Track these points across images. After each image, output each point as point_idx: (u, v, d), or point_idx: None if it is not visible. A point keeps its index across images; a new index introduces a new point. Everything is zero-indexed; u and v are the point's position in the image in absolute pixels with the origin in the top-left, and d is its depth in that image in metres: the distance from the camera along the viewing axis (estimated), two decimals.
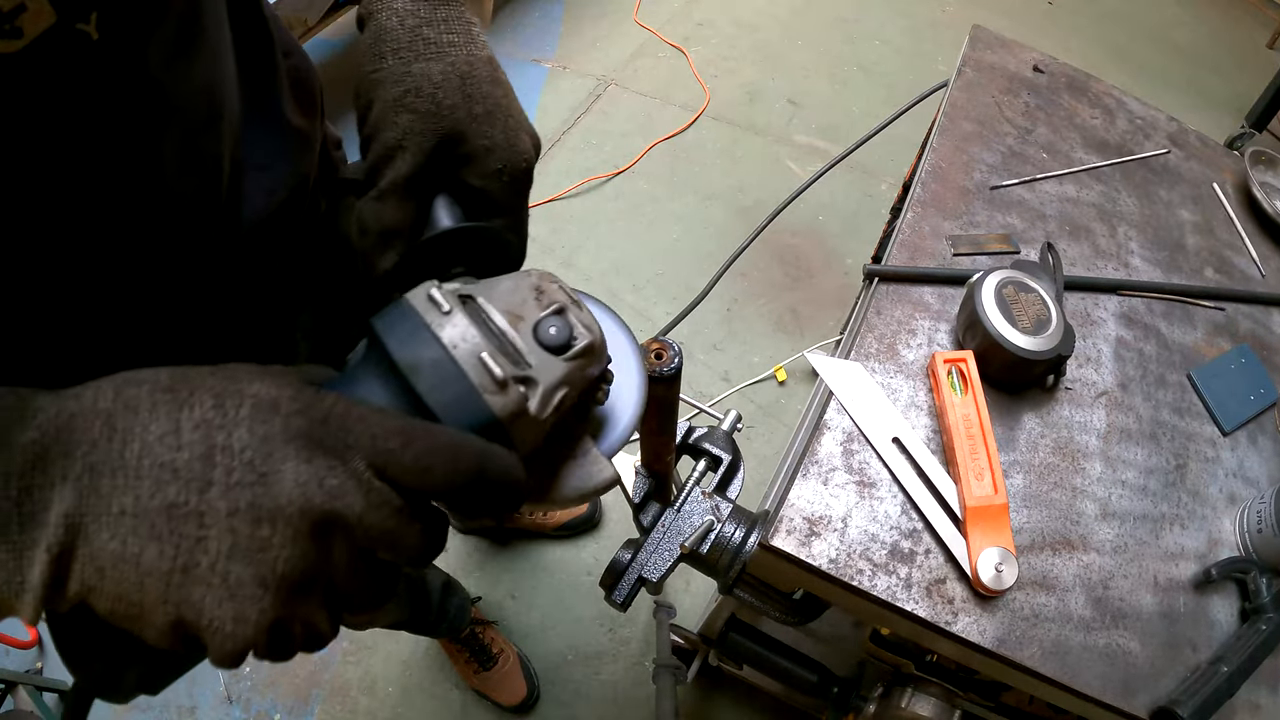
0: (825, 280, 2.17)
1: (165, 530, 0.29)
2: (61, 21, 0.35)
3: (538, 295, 0.37)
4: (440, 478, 0.32)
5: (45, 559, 0.28)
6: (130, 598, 0.29)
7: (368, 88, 0.44)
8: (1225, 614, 0.74)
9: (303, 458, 0.30)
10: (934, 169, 1.03)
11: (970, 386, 0.78)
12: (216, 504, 0.29)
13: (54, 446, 0.29)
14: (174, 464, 0.29)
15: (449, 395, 0.33)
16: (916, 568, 0.71)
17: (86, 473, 0.29)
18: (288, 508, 0.30)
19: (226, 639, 0.30)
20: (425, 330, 0.34)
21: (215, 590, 0.29)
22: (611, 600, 0.67)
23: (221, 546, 0.29)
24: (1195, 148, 1.20)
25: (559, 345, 0.36)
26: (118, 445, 0.29)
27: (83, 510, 0.29)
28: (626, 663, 1.57)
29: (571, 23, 2.83)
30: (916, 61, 2.87)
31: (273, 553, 0.29)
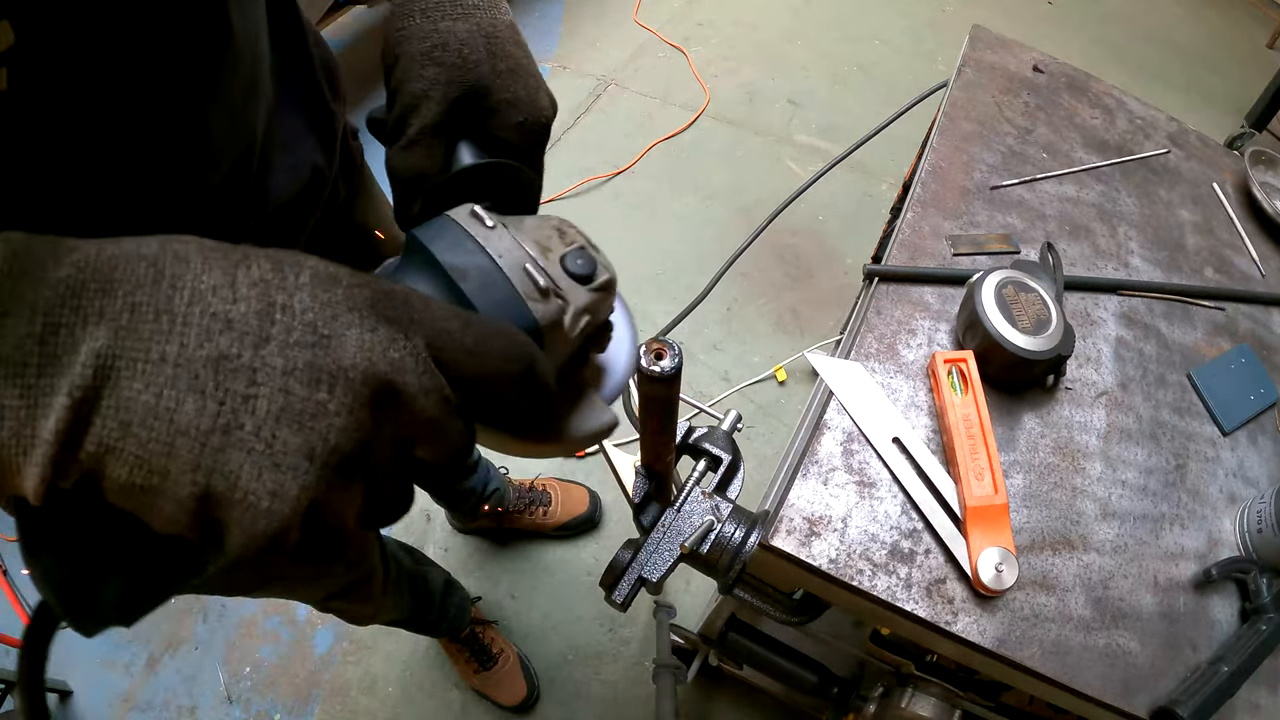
0: (825, 280, 2.17)
1: (210, 384, 0.26)
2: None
3: (560, 234, 0.39)
4: (495, 362, 0.31)
5: (64, 405, 0.25)
6: (154, 462, 0.26)
7: (395, 43, 0.46)
8: (1225, 614, 0.74)
9: (367, 326, 0.28)
10: (934, 169, 1.03)
11: (970, 386, 0.78)
12: (272, 360, 0.26)
13: (91, 283, 0.26)
14: (228, 315, 0.26)
15: (495, 298, 0.34)
16: (916, 568, 0.71)
17: (126, 312, 0.26)
18: (350, 370, 0.27)
19: (260, 516, 0.26)
20: (471, 240, 0.35)
21: (256, 457, 0.26)
22: (611, 600, 0.67)
23: (272, 407, 0.26)
24: (1195, 147, 1.20)
25: (584, 276, 0.37)
26: (165, 289, 0.26)
27: (116, 352, 0.25)
28: (626, 663, 1.57)
29: (571, 22, 2.83)
30: (916, 61, 2.87)
31: (326, 420, 0.27)
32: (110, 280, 0.26)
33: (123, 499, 0.27)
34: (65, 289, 0.25)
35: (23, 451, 0.25)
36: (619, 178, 2.34)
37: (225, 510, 0.26)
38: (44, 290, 0.25)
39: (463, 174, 0.45)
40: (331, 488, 0.27)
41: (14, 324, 0.24)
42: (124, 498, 0.26)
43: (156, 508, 0.26)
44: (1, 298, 0.24)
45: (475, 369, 0.30)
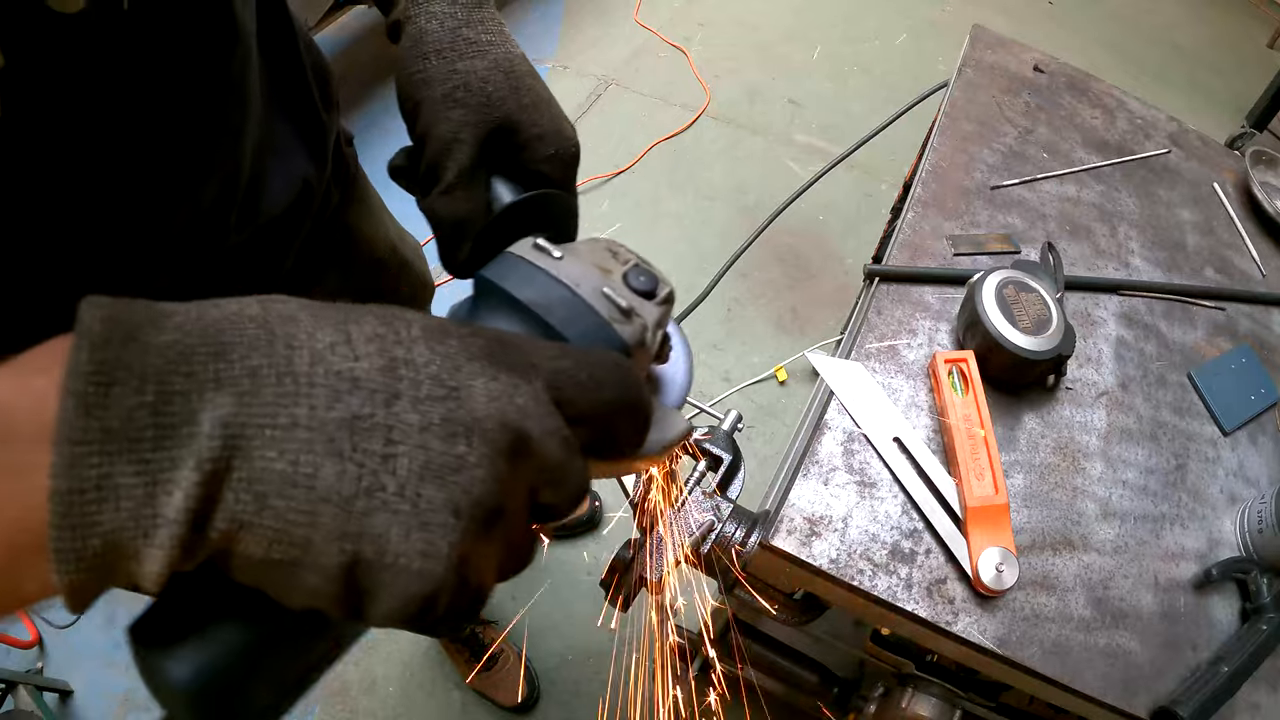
0: (826, 280, 2.17)
1: (346, 445, 0.24)
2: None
3: (613, 253, 0.39)
4: (611, 392, 0.30)
5: (193, 480, 0.23)
6: (295, 534, 0.24)
7: (414, 89, 0.45)
8: (1226, 614, 0.74)
9: (489, 374, 0.27)
10: (934, 169, 1.03)
11: (971, 386, 0.78)
12: (406, 416, 0.25)
13: (200, 348, 0.24)
14: (353, 373, 0.25)
15: (584, 327, 0.34)
16: (917, 568, 0.71)
17: (246, 376, 0.24)
18: (485, 421, 0.26)
19: (413, 579, 0.25)
20: (543, 273, 0.35)
21: (403, 517, 0.25)
22: (612, 600, 0.67)
23: (413, 465, 0.25)
24: (1196, 147, 1.20)
25: (649, 291, 0.37)
26: (282, 350, 0.25)
27: (243, 419, 0.24)
28: (627, 662, 1.57)
29: (572, 22, 2.83)
30: (917, 61, 2.87)
31: (467, 473, 0.26)
32: (220, 344, 0.24)
33: (255, 576, 0.25)
34: (175, 355, 0.23)
35: (143, 534, 0.23)
36: (619, 177, 2.33)
37: (374, 576, 0.25)
38: (151, 357, 0.23)
39: (509, 210, 0.45)
40: (477, 541, 0.26)
41: (121, 394, 0.22)
42: (257, 575, 0.25)
43: (297, 581, 0.25)
44: (106, 366, 0.22)
45: (591, 402, 0.29)
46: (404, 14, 0.47)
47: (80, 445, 0.22)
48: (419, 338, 0.27)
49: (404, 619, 0.26)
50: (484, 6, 0.48)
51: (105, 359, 0.22)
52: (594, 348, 0.32)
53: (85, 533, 0.22)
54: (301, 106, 0.62)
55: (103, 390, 0.22)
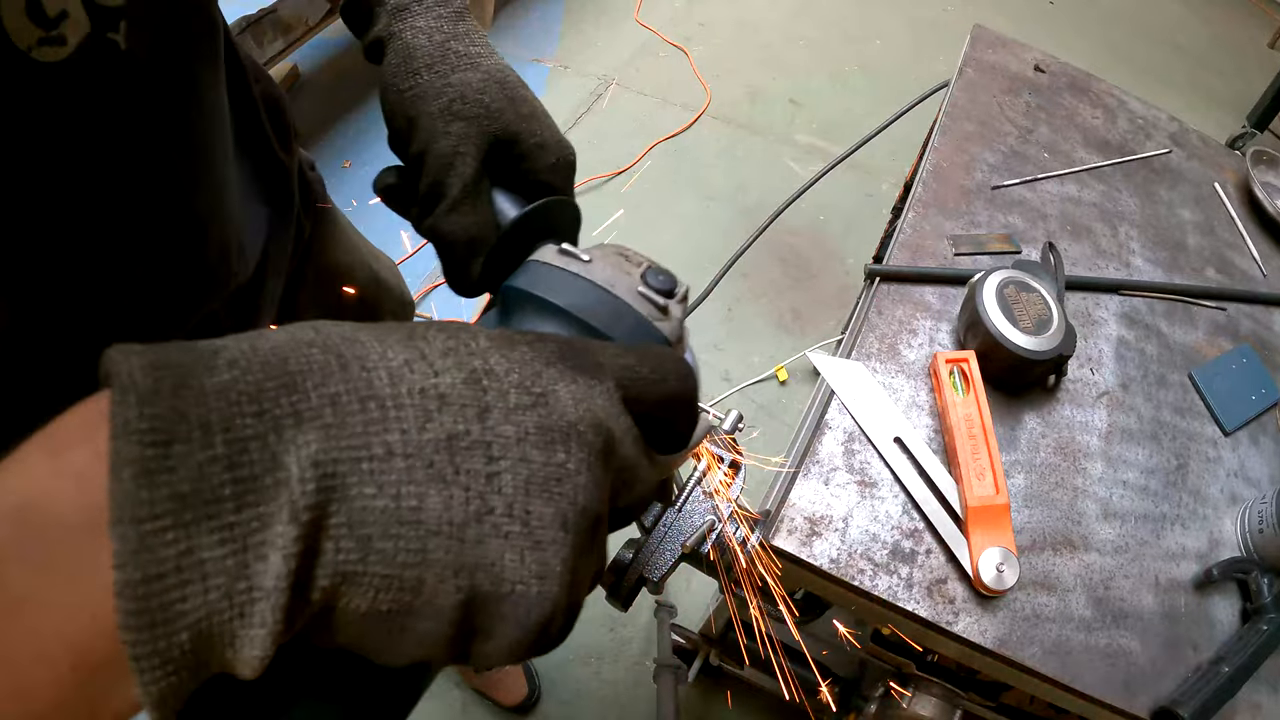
0: (826, 280, 2.17)
1: (448, 469, 0.22)
2: (95, 30, 0.35)
3: (625, 257, 0.38)
4: (674, 385, 0.29)
5: (291, 536, 0.20)
6: (406, 577, 0.21)
7: (406, 105, 0.44)
8: (1226, 614, 0.74)
9: (568, 378, 0.25)
10: (935, 169, 1.03)
11: (972, 386, 0.78)
12: (502, 429, 0.23)
13: (266, 383, 0.21)
14: (438, 389, 0.23)
15: (627, 327, 0.34)
16: (918, 568, 0.71)
17: (327, 406, 0.21)
18: (579, 424, 0.24)
19: (532, 607, 0.23)
20: (578, 278, 0.35)
21: (515, 540, 0.23)
22: (612, 600, 0.67)
23: (517, 480, 0.23)
24: (1196, 147, 1.20)
25: (669, 290, 0.37)
26: (358, 373, 0.22)
27: (334, 455, 0.21)
28: (627, 662, 1.57)
29: (572, 22, 2.83)
30: (917, 61, 2.87)
31: (569, 482, 0.24)
32: (287, 374, 0.21)
33: (356, 636, 0.22)
34: (238, 395, 0.20)
35: (239, 614, 0.19)
36: (620, 177, 2.33)
37: (490, 610, 0.23)
38: (212, 401, 0.20)
39: (521, 220, 0.43)
40: (584, 553, 0.25)
41: (186, 451, 0.19)
42: (358, 634, 0.22)
43: (406, 632, 0.22)
44: (161, 421, 0.19)
45: (658, 396, 0.28)
46: (386, 30, 0.45)
47: (148, 522, 0.18)
48: (489, 348, 0.25)
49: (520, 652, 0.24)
50: (465, 19, 0.47)
51: (158, 413, 0.19)
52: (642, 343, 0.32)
53: (169, 629, 0.18)
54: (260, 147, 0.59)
55: (162, 451, 0.19)
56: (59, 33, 0.33)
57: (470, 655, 0.24)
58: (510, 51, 2.67)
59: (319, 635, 0.22)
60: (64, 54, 0.33)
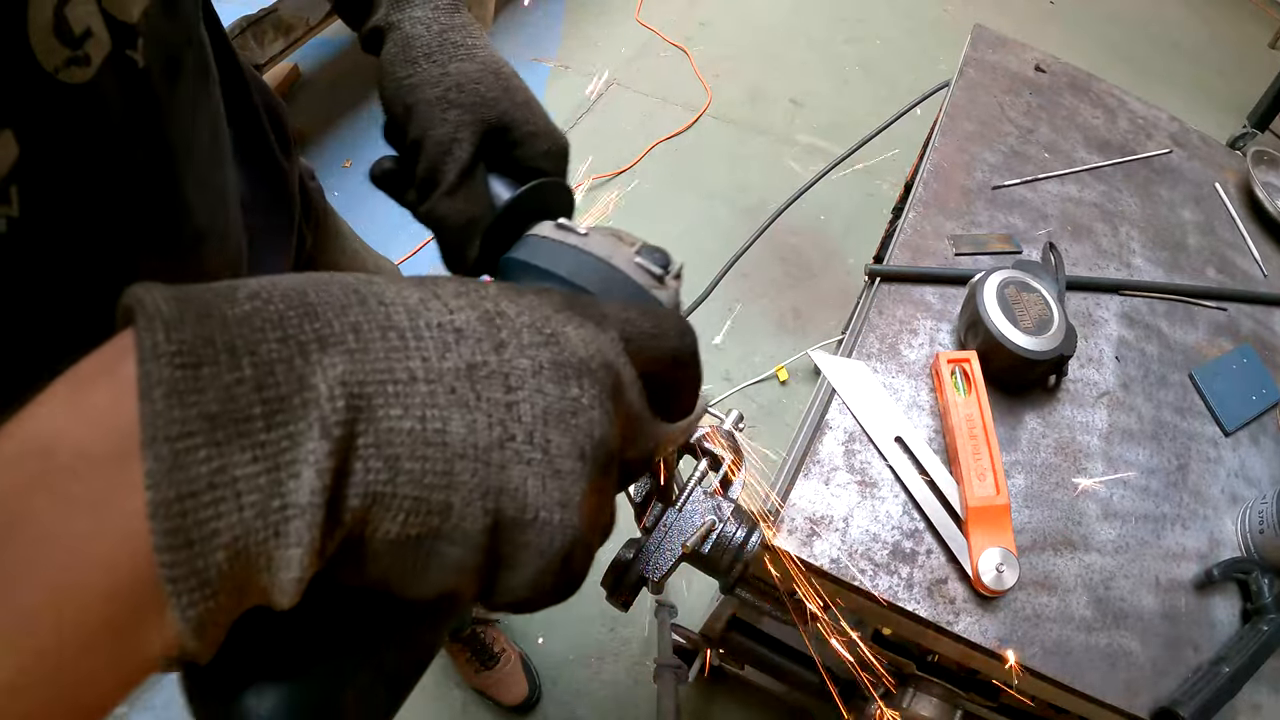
0: (827, 280, 2.17)
1: (470, 395, 0.23)
2: (116, 48, 0.35)
3: (619, 236, 0.39)
4: (674, 340, 0.29)
5: (323, 451, 0.20)
6: (434, 500, 0.22)
7: (404, 93, 0.45)
8: (1227, 614, 0.74)
9: (574, 323, 0.26)
10: (936, 169, 1.03)
11: (974, 387, 0.78)
12: (519, 362, 0.24)
13: (290, 311, 0.21)
14: (454, 324, 0.23)
15: (625, 295, 0.35)
16: (918, 568, 0.71)
17: (350, 332, 0.22)
18: (590, 361, 0.25)
19: (555, 533, 0.23)
20: (575, 249, 0.36)
21: (537, 466, 0.23)
22: (613, 600, 0.67)
23: (535, 410, 0.23)
24: (1197, 147, 1.20)
25: (664, 265, 0.38)
26: (376, 306, 0.23)
27: (360, 377, 0.21)
28: (628, 662, 1.57)
29: (573, 22, 2.83)
30: (918, 61, 2.86)
31: (584, 415, 0.24)
32: (308, 304, 0.22)
33: (385, 566, 0.22)
34: (261, 322, 0.20)
35: (274, 533, 0.19)
36: (621, 177, 2.33)
37: (516, 536, 0.23)
38: (235, 328, 0.20)
39: (516, 201, 0.45)
40: (601, 485, 0.25)
41: (214, 373, 0.19)
42: (388, 563, 0.22)
43: (435, 559, 0.22)
44: (189, 345, 0.19)
45: (659, 350, 0.29)
46: (385, 21, 0.46)
47: (182, 440, 0.18)
48: (499, 294, 0.25)
49: (543, 584, 0.24)
50: (461, 11, 0.48)
51: (185, 337, 0.19)
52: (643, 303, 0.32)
53: (205, 547, 0.18)
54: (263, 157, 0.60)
55: (192, 373, 0.19)
56: (84, 52, 0.32)
57: (495, 588, 0.24)
58: (511, 51, 2.67)
59: (349, 568, 0.22)
60: (88, 75, 0.33)
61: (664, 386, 0.30)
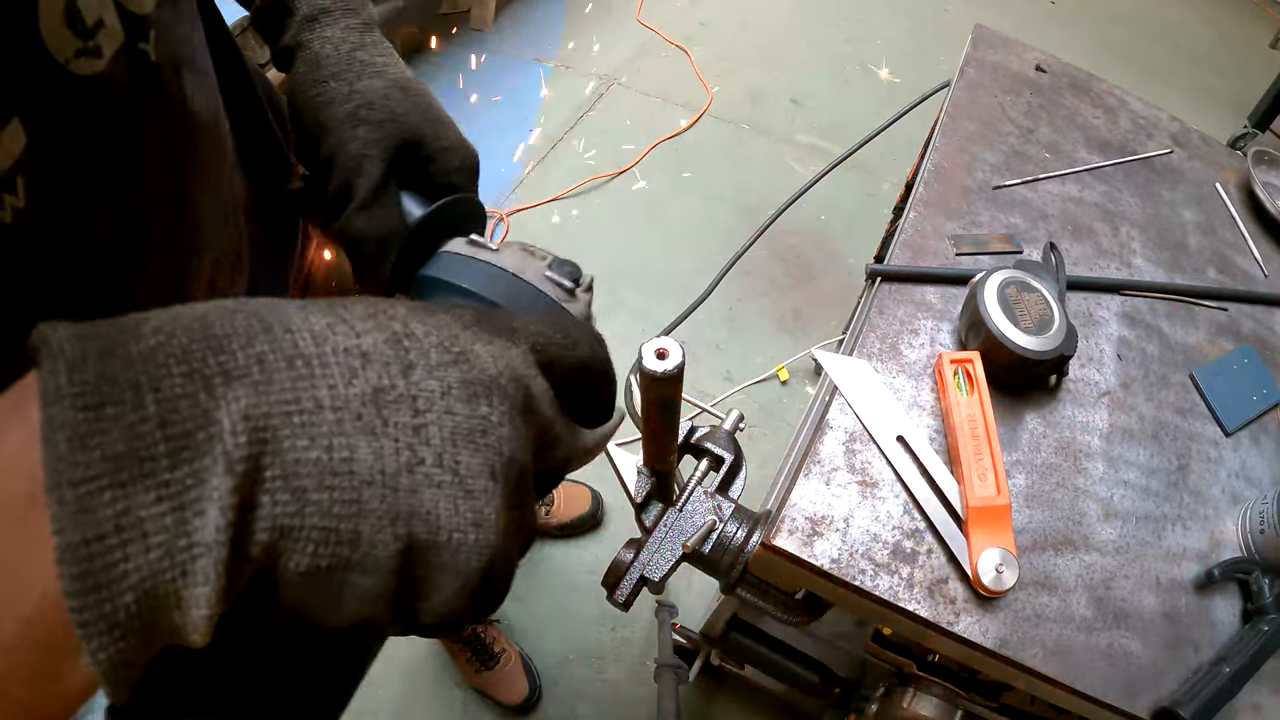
0: (827, 280, 2.17)
1: (377, 421, 0.22)
2: (129, 40, 0.35)
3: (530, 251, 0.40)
4: (586, 349, 0.29)
5: (226, 487, 0.20)
6: (343, 530, 0.21)
7: (314, 110, 0.45)
8: (1227, 615, 0.74)
9: (484, 339, 0.26)
10: (936, 168, 1.03)
11: (976, 387, 0.78)
12: (426, 384, 0.24)
13: (194, 345, 0.21)
14: (361, 348, 0.23)
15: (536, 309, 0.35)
16: (919, 568, 0.71)
17: (255, 364, 0.21)
18: (501, 377, 0.25)
19: (471, 554, 0.23)
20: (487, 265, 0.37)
21: (448, 489, 0.23)
22: (613, 600, 0.67)
23: (443, 431, 0.24)
24: (1198, 147, 1.20)
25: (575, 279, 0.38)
26: (281, 334, 0.22)
27: (265, 409, 0.21)
28: (628, 662, 1.57)
29: (573, 22, 2.83)
30: (919, 61, 2.87)
31: (494, 433, 0.25)
32: (213, 337, 0.21)
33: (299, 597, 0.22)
34: (166, 357, 0.20)
35: (181, 572, 0.19)
36: (621, 177, 2.33)
37: (431, 559, 0.23)
38: (139, 365, 0.20)
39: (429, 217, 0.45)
40: (516, 502, 0.25)
41: (118, 412, 0.19)
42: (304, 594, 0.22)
43: (349, 588, 0.22)
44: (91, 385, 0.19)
45: (572, 361, 0.29)
46: (294, 40, 0.47)
47: (84, 484, 0.18)
48: (408, 314, 0.26)
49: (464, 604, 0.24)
50: (372, 30, 0.48)
51: (87, 378, 0.19)
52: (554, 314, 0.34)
53: (113, 590, 0.18)
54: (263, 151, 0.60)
55: (94, 413, 0.19)
56: (95, 43, 0.32)
57: (414, 612, 0.24)
58: (512, 51, 2.67)
59: (262, 600, 0.22)
60: (100, 67, 0.33)
61: (579, 395, 0.30)
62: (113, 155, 0.36)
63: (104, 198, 0.36)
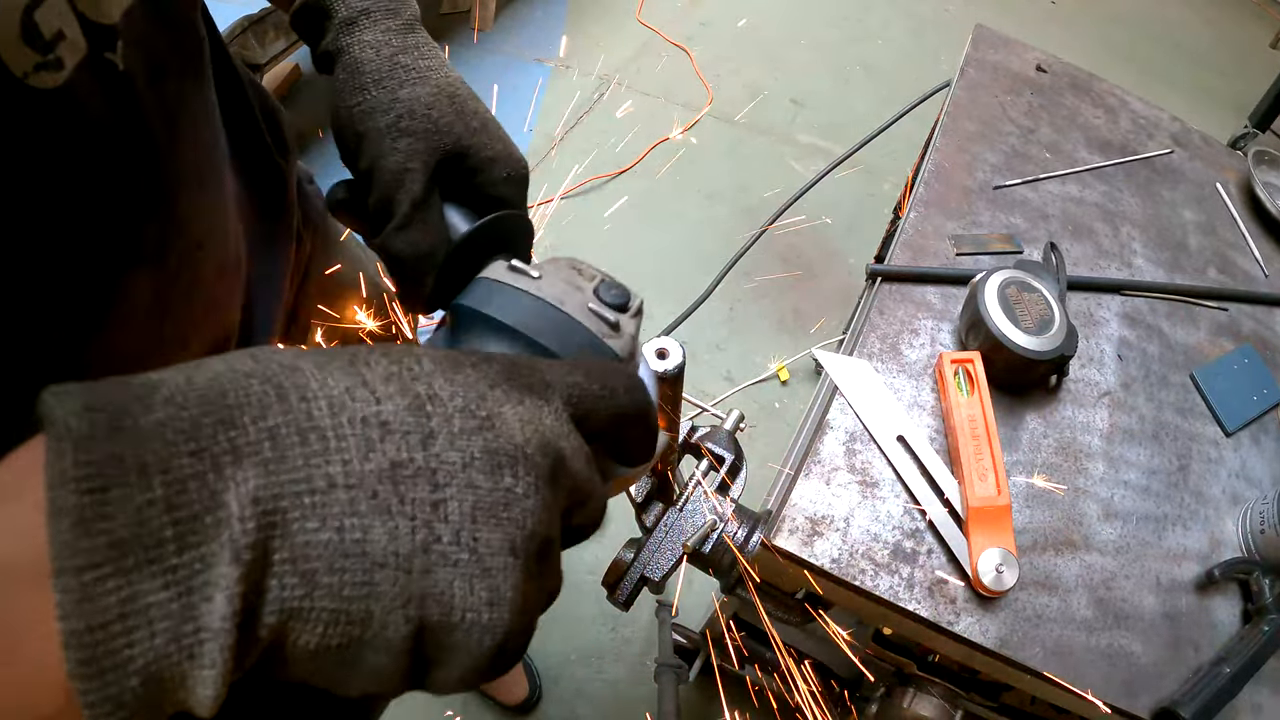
0: (828, 280, 2.17)
1: (393, 499, 0.22)
2: (93, 51, 0.34)
3: (577, 270, 0.38)
4: (623, 398, 0.29)
5: (233, 576, 0.19)
6: (353, 611, 0.21)
7: (354, 120, 0.43)
8: (1228, 615, 0.74)
9: (514, 399, 0.25)
10: (937, 168, 1.03)
11: (977, 387, 0.78)
12: (447, 456, 0.23)
13: (204, 418, 0.20)
14: (380, 417, 0.22)
15: (576, 345, 0.34)
16: (919, 568, 0.71)
17: (266, 440, 0.21)
18: (526, 447, 0.24)
19: (485, 633, 0.23)
20: (527, 295, 0.34)
21: (464, 567, 0.23)
22: (613, 600, 0.67)
23: (464, 507, 0.23)
24: (1198, 147, 1.20)
25: (622, 304, 0.37)
26: (297, 404, 0.22)
27: (275, 490, 0.21)
28: (628, 662, 1.57)
29: (574, 22, 2.83)
30: (919, 61, 2.86)
31: (517, 506, 0.24)
32: (225, 408, 0.21)
33: (308, 670, 0.22)
34: (175, 433, 0.20)
35: (188, 656, 0.19)
36: (622, 177, 2.33)
37: (443, 639, 0.23)
38: (148, 442, 0.19)
39: (472, 236, 0.43)
40: (534, 576, 0.24)
41: (124, 496, 0.19)
42: (310, 668, 0.22)
43: (359, 665, 0.22)
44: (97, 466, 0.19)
45: (609, 411, 0.28)
46: (334, 44, 0.45)
47: (89, 571, 0.18)
48: (434, 371, 0.25)
49: (474, 679, 0.23)
50: (416, 31, 0.46)
51: (94, 458, 0.19)
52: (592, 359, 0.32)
53: (119, 675, 0.18)
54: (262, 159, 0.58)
55: (99, 497, 0.18)
56: (56, 56, 0.31)
57: (426, 684, 0.24)
58: (512, 51, 2.67)
59: (274, 669, 0.22)
60: (61, 79, 0.32)
61: (617, 442, 0.30)
62: (84, 168, 0.35)
63: (78, 212, 0.35)
